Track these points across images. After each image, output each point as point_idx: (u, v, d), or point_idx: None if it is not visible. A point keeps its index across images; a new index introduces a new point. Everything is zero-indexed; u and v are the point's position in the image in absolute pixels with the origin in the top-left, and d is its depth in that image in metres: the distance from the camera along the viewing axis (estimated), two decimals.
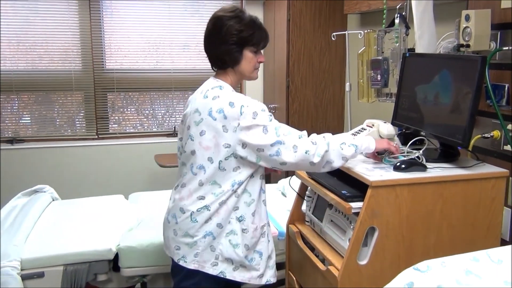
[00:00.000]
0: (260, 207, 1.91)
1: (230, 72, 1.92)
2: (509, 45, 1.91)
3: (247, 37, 1.84)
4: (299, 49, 3.93)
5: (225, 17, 1.85)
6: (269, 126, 1.75)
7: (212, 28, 1.89)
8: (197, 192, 1.84)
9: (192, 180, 1.85)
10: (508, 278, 1.08)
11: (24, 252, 2.43)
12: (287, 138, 1.75)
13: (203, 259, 1.84)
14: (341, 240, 1.86)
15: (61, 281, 2.43)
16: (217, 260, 1.85)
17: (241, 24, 1.83)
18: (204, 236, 1.83)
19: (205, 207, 1.82)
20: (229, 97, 1.80)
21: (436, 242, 1.80)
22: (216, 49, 1.88)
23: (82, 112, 4.38)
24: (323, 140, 1.77)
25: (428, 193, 1.77)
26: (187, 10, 4.42)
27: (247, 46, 1.86)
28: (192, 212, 1.83)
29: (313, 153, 1.74)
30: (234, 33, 1.83)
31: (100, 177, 4.37)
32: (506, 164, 1.96)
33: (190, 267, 1.85)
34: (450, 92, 1.89)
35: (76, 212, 2.98)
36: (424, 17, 2.23)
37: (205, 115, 1.81)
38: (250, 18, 1.87)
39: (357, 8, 3.41)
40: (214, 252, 1.84)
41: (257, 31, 1.87)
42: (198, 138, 1.82)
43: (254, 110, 1.76)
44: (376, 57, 2.69)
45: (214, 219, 1.83)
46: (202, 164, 1.82)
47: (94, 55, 4.29)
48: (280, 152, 1.74)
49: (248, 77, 1.95)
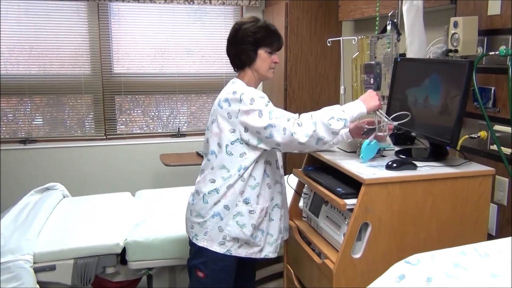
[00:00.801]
0: (264, 190, 1.98)
1: (247, 71, 2.01)
2: (495, 50, 1.90)
3: (261, 38, 1.96)
4: (296, 54, 3.93)
5: (243, 22, 2.00)
6: (264, 110, 1.83)
7: (232, 32, 2.01)
8: (209, 176, 1.96)
9: (207, 165, 1.99)
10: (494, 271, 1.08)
11: (37, 246, 2.42)
12: (278, 120, 1.80)
13: (211, 238, 1.95)
14: (336, 235, 1.86)
15: (71, 274, 2.42)
16: (225, 240, 1.94)
17: (256, 27, 1.97)
18: (212, 216, 1.94)
19: (215, 190, 1.93)
20: (234, 88, 1.92)
21: (426, 237, 1.80)
22: (235, 49, 1.99)
23: (91, 114, 4.38)
24: (309, 120, 1.79)
25: (418, 191, 1.76)
26: (191, 17, 4.41)
27: (261, 46, 1.97)
28: (204, 194, 1.95)
29: (299, 134, 1.77)
30: (249, 34, 1.95)
31: (108, 175, 4.36)
32: (492, 163, 1.96)
33: (200, 244, 1.96)
34: (439, 95, 1.89)
35: (86, 208, 2.98)
36: (415, 24, 2.23)
37: (215, 106, 1.95)
38: (265, 22, 2.02)
39: (351, 16, 3.41)
40: (222, 232, 1.94)
41: (271, 33, 2.00)
42: (210, 127, 1.96)
43: (251, 96, 1.86)
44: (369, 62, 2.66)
45: (222, 201, 1.93)
46: (214, 150, 1.95)
47: (102, 60, 4.29)
48: (273, 134, 1.81)
49: (264, 75, 2.02)
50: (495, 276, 1.06)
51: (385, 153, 2.04)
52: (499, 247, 1.17)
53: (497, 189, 1.97)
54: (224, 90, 1.97)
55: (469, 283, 1.05)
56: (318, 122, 1.77)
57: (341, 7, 3.57)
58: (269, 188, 2.00)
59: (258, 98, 1.86)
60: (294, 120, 1.80)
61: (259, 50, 1.97)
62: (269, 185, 2.00)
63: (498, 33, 1.94)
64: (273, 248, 2.06)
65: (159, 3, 4.16)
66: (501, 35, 1.93)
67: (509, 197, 1.94)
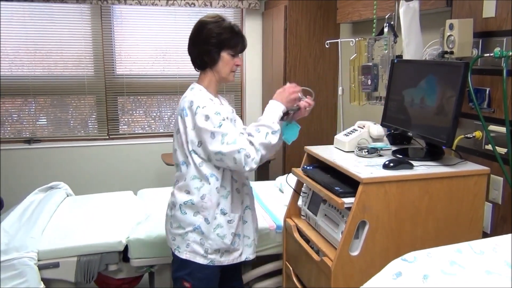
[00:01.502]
0: (236, 196, 1.96)
1: (208, 72, 1.92)
2: (490, 52, 1.90)
3: (225, 40, 1.86)
4: (295, 56, 3.92)
5: (207, 21, 1.88)
6: (217, 133, 1.77)
7: (195, 30, 1.90)
8: (184, 187, 1.90)
9: (179, 176, 1.93)
10: (489, 268, 1.08)
11: (41, 244, 2.42)
12: (229, 148, 1.75)
13: (193, 250, 1.90)
14: (334, 233, 1.86)
15: (75, 271, 2.42)
16: (207, 253, 1.90)
17: (220, 28, 1.86)
18: (193, 229, 1.89)
19: (190, 201, 1.88)
20: (192, 96, 1.84)
21: (422, 235, 1.80)
22: (197, 50, 1.89)
23: (94, 114, 4.38)
24: (253, 148, 1.77)
25: (415, 189, 1.76)
26: (192, 19, 4.41)
27: (225, 48, 1.87)
28: (181, 204, 1.90)
29: (250, 165, 1.76)
30: (213, 35, 1.85)
31: (111, 174, 4.36)
32: (487, 162, 1.96)
33: (183, 256, 1.91)
34: (435, 96, 1.89)
35: (89, 207, 2.98)
36: (411, 26, 2.23)
37: (177, 115, 1.88)
38: (230, 24, 1.90)
39: (349, 18, 3.41)
40: (203, 246, 1.90)
41: (235, 35, 1.89)
42: (176, 136, 1.90)
43: (206, 113, 1.78)
44: (367, 63, 2.69)
45: (201, 214, 1.88)
46: (183, 160, 1.89)
47: (105, 61, 4.28)
48: (223, 160, 1.79)
49: (225, 78, 1.94)
50: (490, 273, 1.06)
51: (382, 153, 2.04)
52: (493, 245, 1.18)
53: (492, 188, 1.97)
54: (184, 97, 1.88)
55: (464, 280, 1.05)
56: (261, 147, 1.78)
57: (339, 10, 3.57)
58: (239, 192, 1.98)
59: (213, 115, 1.77)
60: (244, 152, 1.75)
61: (222, 52, 1.87)
62: (238, 189, 1.97)
63: (493, 35, 1.94)
64: (252, 250, 2.06)
65: (161, 5, 4.16)
66: (496, 37, 1.92)
67: (503, 195, 1.94)
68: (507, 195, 1.92)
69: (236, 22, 4.51)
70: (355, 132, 2.15)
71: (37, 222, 2.61)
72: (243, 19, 4.53)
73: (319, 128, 4.08)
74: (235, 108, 4.70)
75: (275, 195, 3.15)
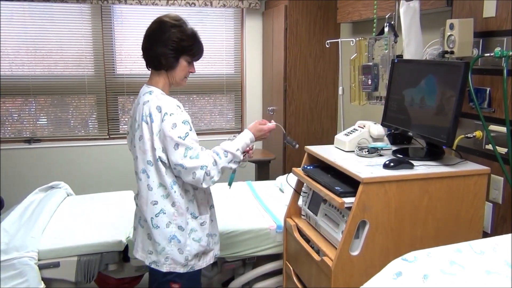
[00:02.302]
0: (201, 197, 1.93)
1: (163, 75, 1.87)
2: (490, 52, 1.90)
3: (186, 47, 1.83)
4: (295, 56, 3.92)
5: (170, 23, 1.82)
6: (181, 145, 1.73)
7: (156, 29, 1.83)
8: (150, 198, 1.84)
9: (142, 186, 1.87)
10: (489, 268, 1.08)
11: (41, 243, 2.42)
12: (191, 164, 1.74)
13: (174, 262, 1.87)
14: (334, 232, 1.86)
15: (75, 271, 2.42)
16: (187, 261, 1.88)
17: (183, 34, 1.82)
18: (169, 240, 1.85)
19: (161, 211, 1.83)
20: (157, 101, 1.78)
21: (423, 235, 1.80)
22: (155, 50, 1.81)
23: (95, 114, 4.38)
24: (216, 168, 1.78)
25: (415, 189, 1.76)
26: (192, 19, 4.41)
27: (184, 55, 1.84)
28: (152, 218, 1.85)
29: (207, 183, 1.77)
30: (175, 40, 1.80)
31: (111, 174, 4.36)
32: (487, 162, 1.96)
33: (163, 270, 1.87)
34: (435, 96, 1.89)
35: (89, 206, 2.98)
36: (412, 26, 2.23)
37: (140, 121, 1.81)
38: (192, 30, 1.86)
39: (349, 18, 3.41)
40: (183, 254, 1.87)
41: (197, 43, 1.87)
42: (138, 143, 1.83)
43: (174, 121, 1.74)
44: (367, 63, 2.69)
45: (174, 222, 1.84)
46: (144, 168, 1.83)
47: (105, 61, 4.29)
48: (181, 173, 1.77)
49: (178, 83, 1.91)
50: (490, 273, 1.06)
51: (382, 153, 2.04)
52: (494, 245, 1.18)
53: (492, 187, 1.97)
54: (146, 102, 1.80)
55: (464, 280, 1.05)
56: (221, 170, 1.81)
57: (340, 10, 3.57)
58: (204, 193, 1.96)
59: (180, 124, 1.74)
60: (205, 170, 1.74)
61: (181, 58, 1.83)
62: (202, 189, 1.95)
63: (493, 35, 1.94)
64: (219, 246, 2.07)
65: (161, 5, 4.16)
66: (496, 37, 1.93)
67: (504, 195, 1.94)
68: (507, 195, 1.92)
69: (236, 22, 4.55)
70: (355, 132, 2.15)
71: (37, 222, 2.61)
72: (244, 19, 4.53)
73: (319, 128, 4.08)
74: (235, 108, 4.73)
75: (276, 195, 3.15)
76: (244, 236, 2.55)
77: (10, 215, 2.73)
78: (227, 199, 3.01)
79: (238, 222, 2.62)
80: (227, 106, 4.72)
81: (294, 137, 4.03)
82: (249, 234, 2.55)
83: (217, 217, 2.29)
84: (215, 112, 4.70)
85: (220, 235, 2.33)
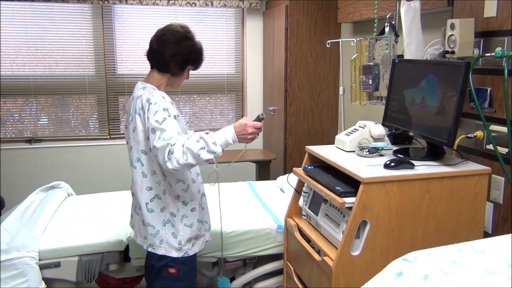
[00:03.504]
0: (193, 186, 2.02)
1: (164, 77, 2.00)
2: (491, 52, 1.90)
3: (196, 59, 2.00)
4: (296, 56, 3.93)
5: (185, 35, 1.95)
6: (157, 128, 1.78)
7: (170, 38, 1.94)
8: (144, 184, 1.94)
9: (136, 174, 1.96)
10: (490, 267, 1.08)
11: (42, 243, 2.42)
12: (162, 143, 1.75)
13: (168, 245, 1.96)
14: (335, 232, 1.86)
15: (76, 270, 2.43)
16: (180, 245, 1.97)
17: (194, 47, 1.97)
18: (163, 224, 1.96)
19: (156, 196, 1.95)
20: (148, 94, 1.89)
21: (423, 235, 1.80)
22: (166, 56, 1.93)
23: (95, 114, 4.38)
24: (181, 152, 1.74)
25: (415, 189, 1.76)
26: (193, 19, 4.41)
27: (190, 65, 2.00)
28: (146, 203, 1.95)
29: (171, 163, 1.74)
30: (187, 52, 1.94)
31: (112, 174, 4.37)
32: (488, 162, 1.96)
33: (159, 252, 1.97)
34: (436, 95, 1.89)
35: (90, 206, 2.98)
36: (412, 25, 2.23)
37: (133, 114, 1.92)
38: (200, 44, 2.01)
39: (350, 18, 3.41)
40: (177, 238, 1.96)
41: (202, 56, 2.03)
42: (132, 135, 1.93)
43: (156, 108, 1.82)
44: (368, 63, 2.69)
45: (167, 208, 1.96)
46: (138, 157, 1.94)
47: (106, 61, 4.29)
48: (157, 156, 1.80)
49: (174, 86, 2.06)
50: (490, 273, 1.06)
51: (383, 153, 2.04)
52: (494, 245, 1.18)
53: (493, 187, 1.97)
54: (139, 96, 1.91)
55: (465, 280, 1.05)
56: (189, 154, 1.74)
57: (340, 9, 3.57)
58: (194, 182, 2.04)
59: (160, 111, 1.81)
60: (170, 148, 1.74)
61: (187, 67, 1.99)
62: (193, 179, 2.04)
63: (494, 34, 1.94)
64: (209, 233, 2.16)
65: (162, 5, 4.16)
66: (497, 37, 1.93)
67: (504, 195, 1.94)
68: (508, 195, 1.92)
69: (237, 22, 4.55)
70: (356, 132, 2.15)
71: (38, 222, 2.61)
72: (244, 19, 4.53)
73: (320, 127, 4.08)
74: (236, 108, 4.73)
75: (276, 195, 3.15)
76: (244, 236, 2.55)
77: (11, 215, 2.73)
78: (228, 199, 3.01)
79: (238, 222, 2.62)
80: (228, 106, 4.73)
81: (295, 137, 4.03)
82: (250, 234, 2.56)
83: (218, 217, 2.29)
84: (215, 112, 4.71)
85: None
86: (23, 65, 4.11)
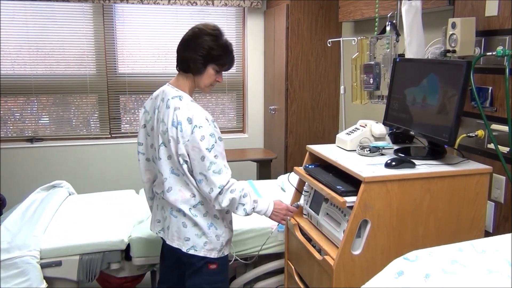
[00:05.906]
0: None
1: (190, 78, 1.95)
2: (493, 51, 1.90)
3: (215, 56, 1.90)
4: (297, 55, 3.92)
5: (206, 31, 1.90)
6: (207, 156, 1.81)
7: (191, 35, 1.92)
8: (187, 191, 1.93)
9: (179, 182, 1.93)
10: (491, 267, 1.08)
11: (43, 242, 2.43)
12: (212, 176, 1.83)
13: (212, 247, 1.98)
14: (336, 231, 1.86)
15: (77, 269, 2.43)
16: (222, 247, 2.00)
17: (215, 43, 1.89)
18: (209, 227, 1.97)
19: (199, 203, 1.95)
20: (188, 111, 1.85)
21: (424, 234, 1.80)
22: (186, 53, 1.91)
23: (96, 113, 4.39)
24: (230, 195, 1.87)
25: (416, 188, 1.76)
26: (194, 18, 4.41)
27: (212, 63, 1.91)
28: (190, 208, 1.94)
29: (216, 203, 1.88)
30: (205, 47, 1.87)
31: (113, 173, 4.37)
32: (489, 161, 1.96)
33: (201, 254, 1.97)
34: (437, 95, 1.89)
35: (91, 205, 2.98)
36: (413, 25, 2.23)
37: (169, 125, 1.85)
38: (226, 42, 1.93)
39: (351, 17, 3.41)
40: (219, 240, 1.99)
41: (227, 54, 1.94)
42: (168, 144, 1.87)
43: (203, 134, 1.82)
44: (369, 62, 2.68)
45: (210, 212, 1.97)
46: (172, 168, 1.91)
47: (107, 60, 4.29)
48: (201, 182, 1.84)
49: (202, 89, 1.99)
50: (491, 272, 1.06)
51: (384, 152, 2.04)
52: (495, 244, 1.17)
53: (494, 187, 1.97)
54: (177, 108, 1.85)
55: (466, 279, 1.05)
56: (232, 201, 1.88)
57: (341, 8, 3.56)
58: None
59: (208, 137, 1.82)
60: (219, 190, 1.84)
61: (208, 65, 1.90)
62: None
63: (496, 34, 1.94)
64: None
65: (163, 4, 4.16)
66: (498, 36, 1.92)
67: (506, 194, 1.93)
68: (509, 194, 1.92)
69: (237, 21, 4.55)
70: (357, 131, 2.15)
71: (39, 221, 2.61)
72: (245, 18, 4.53)
73: (321, 127, 4.08)
74: (237, 107, 4.73)
75: (277, 194, 3.15)
76: (245, 235, 2.55)
77: (12, 214, 2.74)
78: None
79: (239, 221, 2.62)
80: (229, 105, 4.73)
81: (296, 136, 4.03)
82: (251, 233, 2.56)
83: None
84: (217, 111, 4.71)
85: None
86: (24, 64, 4.12)
